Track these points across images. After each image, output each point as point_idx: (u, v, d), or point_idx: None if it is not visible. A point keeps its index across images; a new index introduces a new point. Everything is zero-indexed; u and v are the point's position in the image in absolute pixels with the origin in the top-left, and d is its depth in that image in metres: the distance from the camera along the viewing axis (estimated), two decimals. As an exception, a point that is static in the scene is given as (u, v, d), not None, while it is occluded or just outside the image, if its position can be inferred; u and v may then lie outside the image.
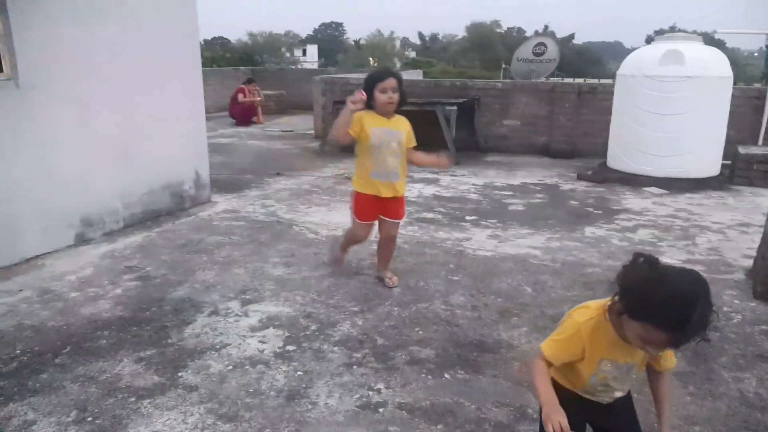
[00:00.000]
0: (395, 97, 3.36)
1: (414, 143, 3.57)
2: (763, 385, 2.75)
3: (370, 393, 2.63)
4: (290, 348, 3.01)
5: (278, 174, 7.33)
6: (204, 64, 6.56)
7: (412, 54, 57.88)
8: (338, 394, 2.62)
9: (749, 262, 4.24)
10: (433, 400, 2.59)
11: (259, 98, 12.82)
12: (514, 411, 2.49)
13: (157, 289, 3.72)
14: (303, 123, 12.37)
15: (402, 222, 3.83)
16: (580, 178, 7.33)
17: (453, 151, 8.37)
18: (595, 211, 5.80)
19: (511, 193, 6.57)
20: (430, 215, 5.55)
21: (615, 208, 5.93)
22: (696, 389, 2.70)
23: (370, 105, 3.37)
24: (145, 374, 2.73)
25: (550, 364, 1.66)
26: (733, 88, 7.06)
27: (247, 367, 2.82)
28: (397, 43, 59.09)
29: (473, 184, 6.98)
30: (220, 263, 4.16)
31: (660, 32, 7.78)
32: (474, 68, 43.41)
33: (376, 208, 3.60)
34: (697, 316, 1.33)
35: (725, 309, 3.55)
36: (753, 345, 3.13)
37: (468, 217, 5.49)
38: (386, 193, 3.51)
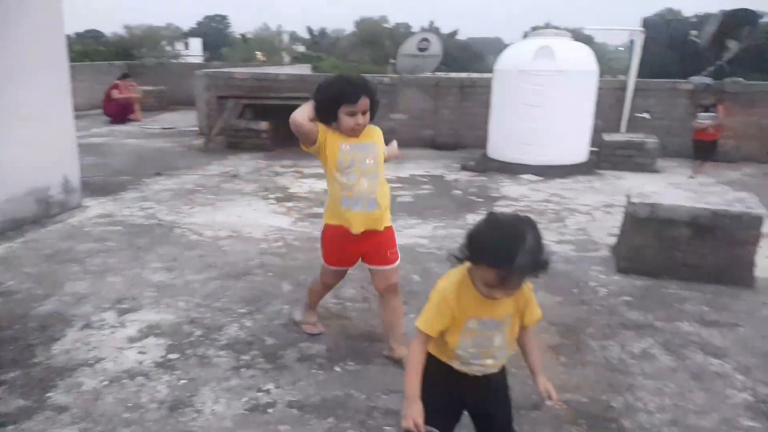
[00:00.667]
0: (365, 120, 2.59)
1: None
2: (626, 351, 3.01)
3: (259, 394, 2.58)
4: (173, 357, 2.87)
5: (158, 174, 6.96)
6: (75, 59, 6.09)
7: (301, 48, 57.12)
8: (225, 399, 2.54)
9: (613, 240, 4.62)
10: (323, 395, 2.58)
11: (135, 94, 12.09)
12: (403, 397, 2.54)
13: (20, 304, 3.40)
14: (185, 120, 11.82)
15: (395, 265, 2.81)
16: (463, 168, 7.63)
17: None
18: (477, 199, 6.06)
19: (399, 185, 6.69)
20: (321, 210, 5.51)
21: (495, 195, 6.24)
22: (567, 359, 2.91)
23: (328, 122, 2.61)
24: (8, 399, 2.49)
25: (429, 338, 1.71)
26: (599, 80, 7.66)
27: (125, 380, 2.65)
28: (286, 38, 58.09)
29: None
30: (93, 272, 3.88)
31: (536, 29, 8.26)
32: (364, 63, 43.58)
33: (352, 249, 2.75)
34: (523, 252, 1.46)
35: (592, 284, 3.86)
36: (616, 315, 3.43)
37: (358, 211, 5.53)
38: (360, 226, 2.65)
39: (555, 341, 3.09)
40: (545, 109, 7.09)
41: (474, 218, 5.31)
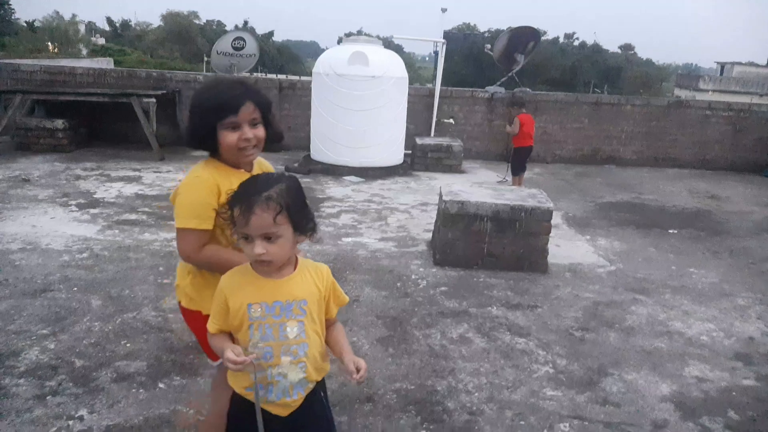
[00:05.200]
0: (257, 136, 1.76)
1: None
2: (446, 337, 3.25)
3: (71, 423, 2.32)
4: (-45, 392, 2.44)
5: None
6: None
7: (102, 41, 52.14)
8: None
9: (429, 236, 4.96)
10: (147, 415, 2.40)
11: None
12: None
13: None
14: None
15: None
16: (287, 170, 7.58)
17: (155, 145, 7.85)
18: (303, 201, 6.07)
19: (220, 188, 6.44)
20: (133, 216, 5.10)
21: (320, 196, 6.31)
22: (395, 350, 3.06)
23: (210, 146, 1.83)
24: None
25: (228, 335, 1.58)
26: (410, 87, 8.14)
27: None
28: (82, 28, 52.55)
29: (180, 180, 6.63)
30: None
31: (349, 35, 8.55)
32: (175, 59, 41.27)
33: None
34: (265, 187, 1.46)
35: (413, 277, 4.10)
36: (436, 305, 3.68)
37: (176, 216, 5.21)
38: None
39: (382, 334, 3.22)
40: (362, 112, 7.35)
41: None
